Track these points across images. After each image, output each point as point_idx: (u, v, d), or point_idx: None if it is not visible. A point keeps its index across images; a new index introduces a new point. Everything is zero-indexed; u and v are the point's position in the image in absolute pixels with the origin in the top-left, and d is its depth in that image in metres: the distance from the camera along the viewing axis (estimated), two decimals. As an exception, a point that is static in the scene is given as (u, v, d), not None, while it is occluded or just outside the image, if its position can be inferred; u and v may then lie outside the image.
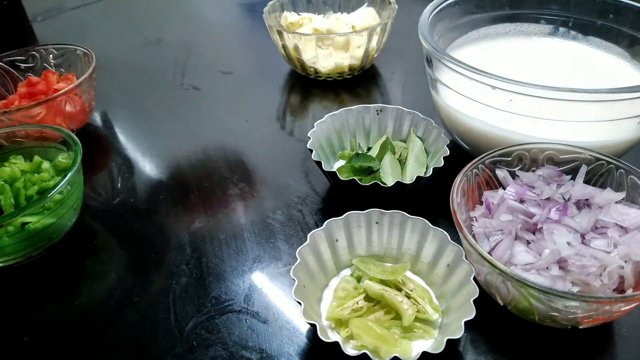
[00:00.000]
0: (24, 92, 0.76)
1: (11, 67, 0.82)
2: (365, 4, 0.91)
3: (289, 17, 0.90)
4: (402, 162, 0.62)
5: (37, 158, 0.60)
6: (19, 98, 0.76)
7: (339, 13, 0.93)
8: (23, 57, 0.83)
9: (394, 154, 0.62)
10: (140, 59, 1.02)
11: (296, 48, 0.82)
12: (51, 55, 0.83)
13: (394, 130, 0.67)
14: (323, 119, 0.65)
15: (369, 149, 0.66)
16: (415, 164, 0.61)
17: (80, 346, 0.49)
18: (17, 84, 0.80)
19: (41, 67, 0.83)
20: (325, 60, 0.83)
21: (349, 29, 0.86)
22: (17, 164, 0.59)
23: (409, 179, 0.59)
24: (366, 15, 0.89)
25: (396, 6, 0.84)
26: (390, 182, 0.58)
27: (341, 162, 0.66)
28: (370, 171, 0.61)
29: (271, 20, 0.87)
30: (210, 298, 0.52)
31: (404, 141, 0.66)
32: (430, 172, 0.57)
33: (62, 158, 0.60)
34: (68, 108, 0.73)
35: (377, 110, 0.67)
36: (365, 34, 0.79)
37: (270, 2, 0.89)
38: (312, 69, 0.85)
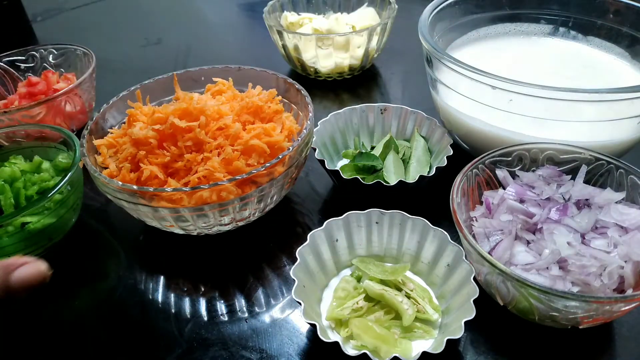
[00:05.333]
0: (24, 92, 0.76)
1: (11, 67, 0.82)
2: (365, 4, 0.92)
3: (289, 17, 0.90)
4: (405, 161, 0.62)
5: (37, 158, 0.60)
6: (19, 98, 0.76)
7: (339, 13, 0.93)
8: (23, 57, 0.83)
9: (398, 153, 0.62)
10: (140, 59, 1.02)
11: (296, 48, 0.82)
12: (51, 55, 0.83)
13: (397, 130, 0.67)
14: (327, 117, 0.65)
15: (372, 147, 0.66)
16: (418, 164, 0.62)
17: (80, 346, 0.49)
18: (17, 84, 0.80)
19: (41, 67, 0.83)
20: (325, 60, 0.83)
21: (349, 29, 0.86)
22: (17, 164, 0.59)
23: (411, 178, 0.59)
24: (366, 15, 0.89)
25: (396, 6, 0.84)
26: (393, 181, 0.58)
27: (345, 161, 0.66)
28: (374, 170, 0.61)
29: (271, 20, 0.87)
30: (210, 298, 0.52)
31: (408, 140, 0.66)
32: (433, 172, 0.57)
33: (62, 158, 0.60)
34: (68, 108, 0.73)
35: (381, 110, 0.67)
36: (365, 34, 0.79)
37: (270, 2, 0.89)
38: (312, 69, 0.85)
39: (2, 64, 0.81)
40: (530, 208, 0.49)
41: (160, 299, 0.53)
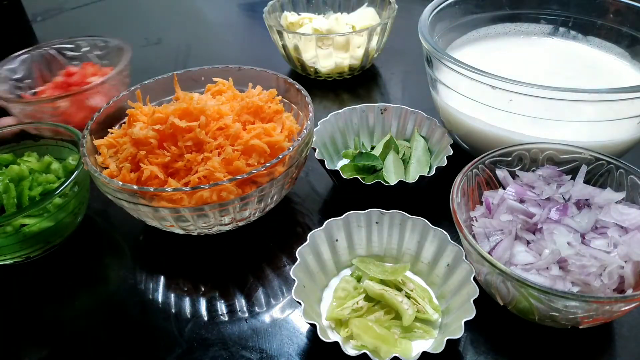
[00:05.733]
0: (60, 82, 0.77)
1: (59, 54, 0.82)
2: (365, 4, 0.92)
3: (289, 17, 0.90)
4: (405, 161, 0.62)
5: (47, 158, 0.60)
6: (52, 87, 0.77)
7: (339, 13, 0.93)
8: (71, 46, 0.83)
9: (398, 153, 0.62)
10: (140, 59, 1.02)
11: (296, 48, 0.82)
12: (96, 47, 0.83)
13: (397, 130, 0.67)
14: (327, 117, 0.65)
15: (372, 147, 0.66)
16: (418, 164, 0.62)
17: (81, 346, 0.49)
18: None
19: (86, 58, 0.83)
20: (325, 60, 0.83)
21: (349, 29, 0.86)
22: (29, 162, 0.59)
23: (411, 178, 0.59)
24: (366, 15, 0.89)
25: (396, 6, 0.84)
26: (393, 181, 0.58)
27: (345, 161, 0.66)
28: (374, 170, 0.61)
29: (271, 20, 0.87)
30: (210, 298, 0.52)
31: (408, 140, 0.66)
32: (433, 172, 0.57)
33: (73, 160, 0.60)
34: (93, 103, 0.73)
35: (381, 110, 0.67)
36: (365, 34, 0.79)
37: (270, 2, 0.89)
38: (312, 69, 0.85)
39: (51, 50, 0.81)
40: (530, 208, 0.49)
41: (160, 299, 0.53)
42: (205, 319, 0.50)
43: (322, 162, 0.59)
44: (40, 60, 0.81)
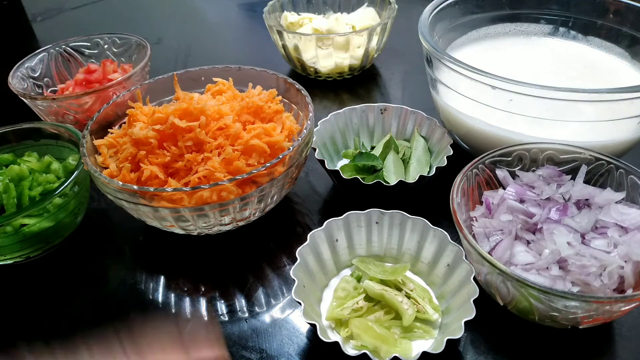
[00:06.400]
0: (81, 79, 0.77)
1: (76, 52, 0.83)
2: (365, 4, 0.92)
3: (289, 17, 0.90)
4: (405, 161, 0.62)
5: (47, 158, 0.60)
6: (74, 85, 0.77)
7: (339, 13, 0.93)
8: (88, 44, 0.83)
9: (398, 153, 0.62)
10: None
11: (296, 48, 0.82)
12: (114, 45, 0.83)
13: (397, 130, 0.67)
14: (327, 117, 0.65)
15: (372, 147, 0.66)
16: (418, 164, 0.62)
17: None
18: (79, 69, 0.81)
19: (103, 55, 0.83)
20: (325, 60, 0.83)
21: (349, 29, 0.86)
22: (29, 162, 0.59)
23: (411, 178, 0.59)
24: (366, 15, 0.89)
25: (396, 6, 0.84)
26: (393, 181, 0.58)
27: (345, 161, 0.66)
28: (374, 170, 0.61)
29: (271, 20, 0.87)
30: (210, 298, 0.52)
31: (408, 140, 0.66)
32: (433, 172, 0.57)
33: (73, 160, 0.60)
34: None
35: (381, 110, 0.67)
36: (365, 34, 0.79)
37: (270, 2, 0.89)
38: (312, 69, 0.85)
39: (69, 48, 0.81)
40: (530, 208, 0.49)
41: (160, 299, 0.53)
42: (205, 319, 0.50)
43: (322, 162, 0.59)
44: (57, 59, 0.81)
